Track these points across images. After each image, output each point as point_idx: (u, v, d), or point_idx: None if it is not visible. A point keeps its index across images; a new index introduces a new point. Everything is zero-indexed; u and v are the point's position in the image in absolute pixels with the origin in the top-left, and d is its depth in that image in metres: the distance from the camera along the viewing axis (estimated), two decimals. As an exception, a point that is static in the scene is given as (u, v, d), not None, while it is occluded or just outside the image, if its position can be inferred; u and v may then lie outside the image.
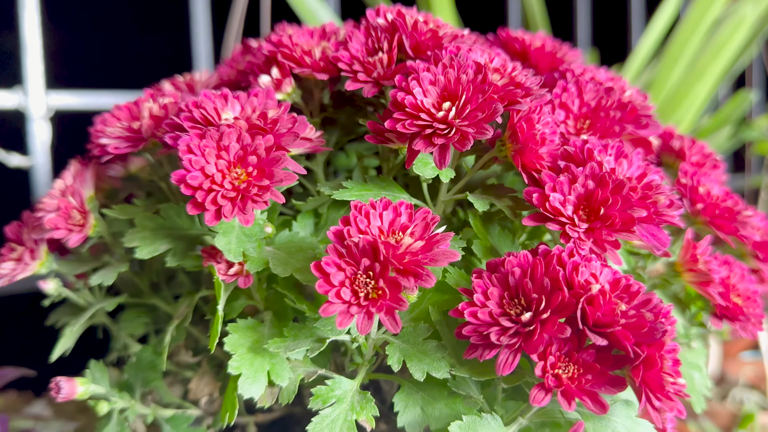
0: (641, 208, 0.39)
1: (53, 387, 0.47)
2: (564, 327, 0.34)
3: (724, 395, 1.30)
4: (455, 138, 0.38)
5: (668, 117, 1.17)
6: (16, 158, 1.17)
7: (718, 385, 1.31)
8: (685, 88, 1.13)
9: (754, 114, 1.79)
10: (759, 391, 1.34)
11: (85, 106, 1.29)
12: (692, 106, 1.15)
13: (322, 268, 0.37)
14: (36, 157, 1.18)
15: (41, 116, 1.21)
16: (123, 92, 1.28)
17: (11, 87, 1.16)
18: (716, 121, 1.23)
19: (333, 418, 0.39)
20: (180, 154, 0.39)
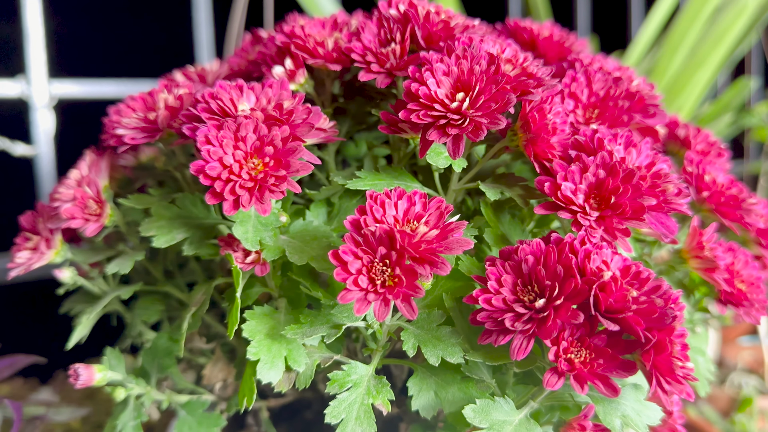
0: (651, 197, 0.39)
1: (72, 373, 0.48)
2: (577, 313, 0.35)
3: (722, 380, 1.32)
4: (469, 128, 0.39)
5: (669, 104, 1.18)
6: (20, 147, 1.17)
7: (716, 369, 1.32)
8: (686, 76, 1.14)
9: (754, 101, 1.80)
10: (757, 376, 1.36)
11: (87, 94, 1.29)
12: (692, 94, 1.16)
13: (339, 256, 0.37)
14: (40, 145, 1.19)
15: (44, 105, 1.21)
16: (126, 80, 1.29)
17: (14, 76, 1.16)
18: (716, 108, 1.24)
19: (350, 401, 0.40)
20: (198, 144, 0.40)
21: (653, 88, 0.52)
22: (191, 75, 0.56)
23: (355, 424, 0.40)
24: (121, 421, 0.50)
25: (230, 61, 0.59)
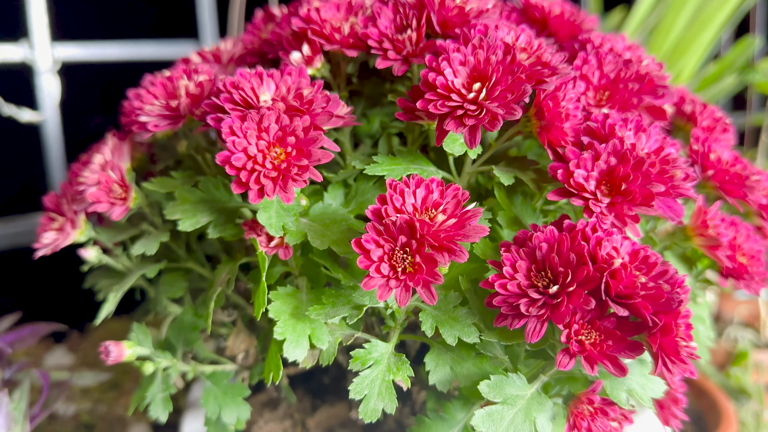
0: (660, 183, 0.41)
1: (102, 350, 0.50)
2: (589, 299, 0.37)
3: (719, 333, 1.36)
4: (486, 119, 0.40)
5: (673, 63, 1.18)
6: (27, 113, 1.18)
7: (713, 323, 1.35)
8: (690, 35, 1.13)
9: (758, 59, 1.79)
10: (753, 330, 1.39)
11: (90, 57, 1.29)
12: (696, 52, 1.16)
13: (362, 245, 0.39)
14: (45, 111, 1.19)
15: (48, 69, 1.21)
16: (128, 42, 1.28)
17: (17, 40, 1.16)
18: (720, 67, 1.24)
19: (372, 378, 0.43)
20: (223, 135, 0.41)
21: (662, 68, 0.53)
22: (206, 56, 0.57)
23: (377, 399, 0.42)
24: (150, 394, 0.53)
25: (243, 39, 0.60)
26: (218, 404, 0.53)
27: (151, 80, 0.51)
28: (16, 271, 1.49)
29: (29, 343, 0.79)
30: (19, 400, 0.65)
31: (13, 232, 1.26)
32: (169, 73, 0.52)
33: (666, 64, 1.17)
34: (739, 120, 2.18)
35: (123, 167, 0.50)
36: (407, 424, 0.58)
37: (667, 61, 1.18)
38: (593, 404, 0.42)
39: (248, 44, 0.59)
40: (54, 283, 1.52)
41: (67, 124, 1.28)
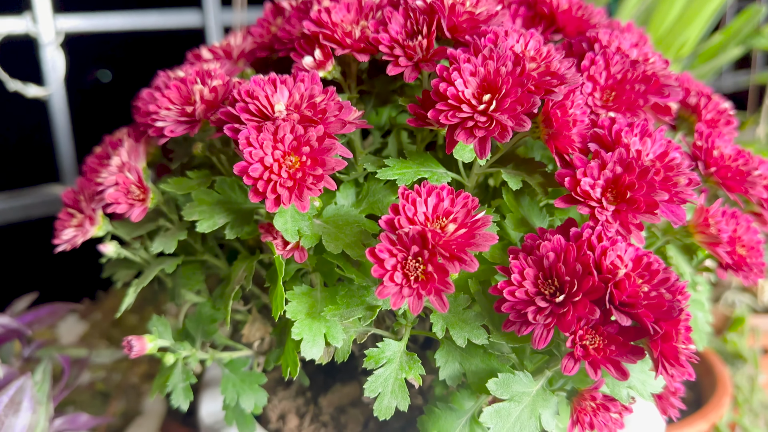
0: (664, 191, 0.42)
1: (125, 345, 0.52)
2: (594, 309, 0.39)
3: (717, 298, 1.38)
4: (496, 131, 0.41)
5: (678, 34, 1.18)
6: (33, 89, 1.18)
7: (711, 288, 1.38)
8: (695, 5, 1.13)
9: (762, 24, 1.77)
10: (751, 294, 1.42)
11: (93, 27, 1.28)
12: (700, 23, 1.15)
13: (376, 254, 0.41)
14: (51, 85, 1.20)
15: (51, 41, 1.21)
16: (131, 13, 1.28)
17: (20, 13, 1.16)
18: (725, 36, 1.23)
19: (385, 377, 0.45)
20: (241, 147, 0.42)
21: (668, 65, 0.53)
22: (217, 51, 0.57)
23: (391, 397, 0.44)
24: (171, 383, 0.55)
25: (252, 32, 0.60)
26: (236, 391, 0.56)
27: (165, 81, 0.52)
28: (30, 241, 1.51)
29: (47, 323, 0.82)
30: (42, 382, 0.68)
31: (23, 205, 1.28)
32: (182, 73, 0.53)
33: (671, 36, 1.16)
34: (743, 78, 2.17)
35: (140, 168, 0.51)
36: (415, 404, 0.61)
37: (672, 32, 1.18)
38: (596, 401, 0.44)
39: (258, 38, 0.59)
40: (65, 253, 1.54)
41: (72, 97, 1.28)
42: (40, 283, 1.51)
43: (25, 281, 1.54)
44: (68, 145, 1.29)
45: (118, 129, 0.68)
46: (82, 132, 1.36)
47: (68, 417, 0.76)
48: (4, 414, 0.63)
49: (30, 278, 1.55)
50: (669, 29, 1.18)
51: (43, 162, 1.40)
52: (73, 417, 0.76)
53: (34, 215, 1.30)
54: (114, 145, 0.59)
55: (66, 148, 1.29)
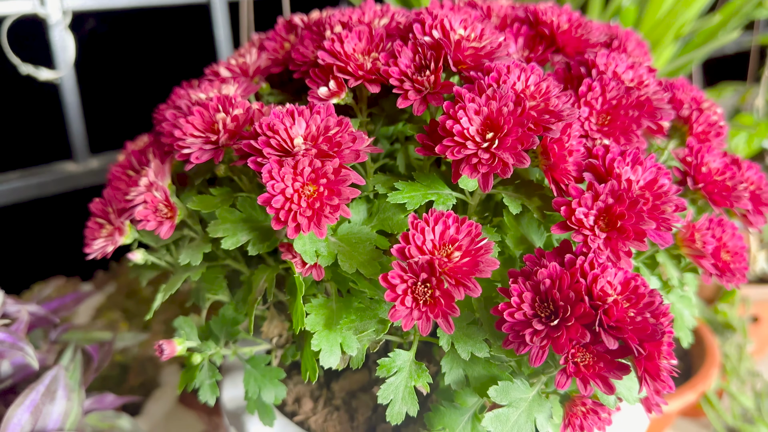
0: (651, 220, 0.46)
1: (157, 348, 0.57)
2: (585, 333, 0.43)
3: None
4: (498, 168, 0.45)
5: (677, 15, 1.19)
6: (44, 72, 1.21)
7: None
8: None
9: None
10: (743, 264, 1.45)
11: (100, 5, 1.30)
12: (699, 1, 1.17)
13: (388, 280, 0.45)
14: (60, 64, 1.22)
15: (59, 21, 1.23)
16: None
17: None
18: (725, 16, 1.24)
19: (396, 385, 0.50)
20: (264, 180, 0.46)
21: (661, 86, 0.56)
22: (234, 69, 0.60)
23: (401, 403, 0.49)
24: (198, 380, 0.60)
25: (267, 46, 0.63)
26: (258, 385, 0.61)
27: (187, 104, 0.55)
28: (44, 217, 1.56)
29: (72, 309, 0.87)
30: (73, 370, 0.73)
31: (38, 183, 1.32)
32: (203, 95, 0.56)
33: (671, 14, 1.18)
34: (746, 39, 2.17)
35: (166, 187, 0.55)
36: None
37: (671, 11, 1.19)
38: (586, 406, 0.49)
39: (272, 53, 0.62)
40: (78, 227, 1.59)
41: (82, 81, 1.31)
42: (54, 257, 1.56)
43: (41, 256, 1.59)
44: (79, 125, 1.33)
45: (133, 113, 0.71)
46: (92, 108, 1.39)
47: (96, 398, 0.81)
48: (42, 402, 0.68)
49: (45, 252, 1.60)
50: (669, 9, 1.20)
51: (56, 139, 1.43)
52: (100, 397, 0.81)
53: (48, 192, 1.34)
54: (137, 155, 0.63)
55: (77, 127, 1.32)
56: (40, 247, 1.59)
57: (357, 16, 0.57)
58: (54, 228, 1.57)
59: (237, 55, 0.62)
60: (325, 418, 0.69)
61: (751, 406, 1.24)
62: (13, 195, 1.28)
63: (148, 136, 0.68)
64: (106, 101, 1.56)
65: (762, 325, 1.43)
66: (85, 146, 1.34)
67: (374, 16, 0.57)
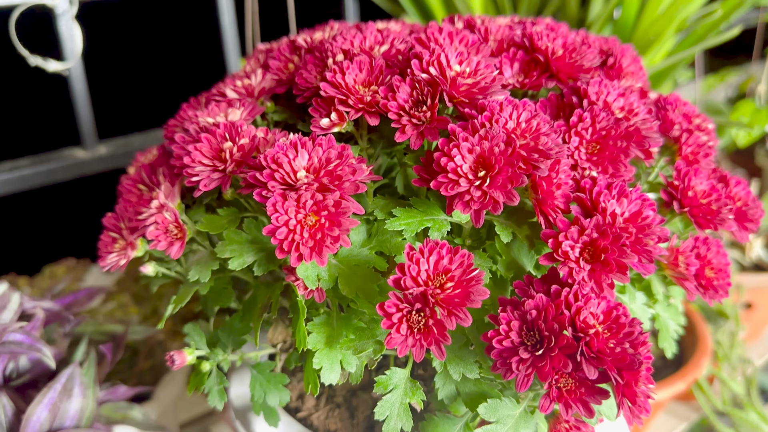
0: (634, 254, 0.49)
1: (168, 358, 0.60)
2: (567, 363, 0.46)
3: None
4: (489, 205, 0.48)
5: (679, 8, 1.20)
6: (53, 64, 1.23)
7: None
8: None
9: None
10: (739, 250, 1.49)
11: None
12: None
13: (385, 309, 0.48)
14: (68, 54, 1.24)
15: (66, 10, 1.25)
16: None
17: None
18: (726, 9, 1.24)
19: (392, 401, 0.53)
20: (268, 212, 0.49)
21: (650, 114, 0.59)
22: (240, 90, 0.63)
23: (396, 420, 0.53)
24: (207, 385, 0.64)
25: (271, 66, 0.65)
26: (263, 390, 0.65)
27: (196, 130, 0.58)
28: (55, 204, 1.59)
29: (85, 305, 0.90)
30: (87, 368, 0.77)
31: (48, 170, 1.35)
32: (210, 119, 0.59)
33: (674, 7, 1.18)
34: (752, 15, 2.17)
35: (176, 209, 0.58)
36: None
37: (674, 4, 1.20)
38: (569, 423, 0.52)
39: (276, 72, 0.64)
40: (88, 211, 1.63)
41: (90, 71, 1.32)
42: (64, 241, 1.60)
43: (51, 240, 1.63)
44: (87, 112, 1.35)
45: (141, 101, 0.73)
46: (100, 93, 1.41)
47: (110, 390, 0.86)
48: (59, 400, 0.72)
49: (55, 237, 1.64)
50: (671, 2, 1.20)
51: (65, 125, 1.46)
52: (113, 389, 0.86)
53: (58, 179, 1.37)
54: (147, 170, 0.66)
55: (85, 114, 1.35)
56: (51, 230, 1.63)
57: (358, 42, 0.59)
58: (64, 212, 1.61)
59: (243, 75, 0.64)
60: (327, 415, 0.73)
61: (741, 391, 1.28)
62: (25, 182, 1.31)
63: (157, 149, 0.71)
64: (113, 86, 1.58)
65: (755, 311, 1.46)
66: (94, 133, 1.36)
67: (375, 42, 0.59)
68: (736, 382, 1.29)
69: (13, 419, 0.72)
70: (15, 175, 1.29)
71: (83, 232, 1.61)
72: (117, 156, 1.39)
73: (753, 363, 1.31)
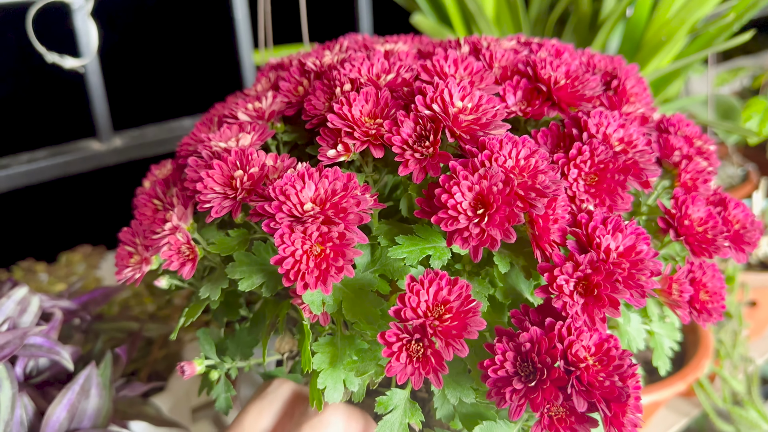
0: (626, 289, 0.51)
1: (179, 369, 0.63)
2: (558, 395, 0.49)
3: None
4: (487, 242, 0.50)
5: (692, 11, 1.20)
6: (69, 60, 1.25)
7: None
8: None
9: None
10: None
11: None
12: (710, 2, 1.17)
13: (386, 339, 0.51)
14: (86, 54, 1.26)
15: (81, 6, 1.26)
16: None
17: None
18: (738, 12, 1.23)
19: (392, 421, 0.56)
20: (276, 243, 0.51)
21: (649, 145, 0.60)
22: (251, 113, 0.65)
23: (396, 439, 0.56)
24: (215, 392, 0.67)
25: (281, 88, 0.67)
26: (271, 398, 0.67)
27: (209, 156, 0.60)
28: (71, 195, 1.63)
29: (102, 304, 0.94)
30: (104, 368, 0.80)
31: (64, 161, 1.38)
32: (223, 144, 0.61)
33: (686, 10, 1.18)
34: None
35: (188, 231, 0.60)
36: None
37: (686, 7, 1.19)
38: (560, 445, 0.55)
39: (286, 94, 0.66)
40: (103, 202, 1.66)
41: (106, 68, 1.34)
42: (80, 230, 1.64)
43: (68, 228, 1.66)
44: (103, 105, 1.37)
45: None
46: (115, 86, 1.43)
47: (125, 386, 0.89)
48: (77, 400, 0.76)
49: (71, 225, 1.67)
50: (682, 5, 1.20)
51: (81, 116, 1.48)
52: (129, 386, 0.89)
53: (73, 171, 1.40)
54: (161, 186, 0.68)
55: (101, 108, 1.37)
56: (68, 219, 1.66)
57: (366, 69, 0.61)
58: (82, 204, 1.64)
59: (254, 97, 0.66)
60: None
61: (741, 389, 1.30)
62: (42, 174, 1.34)
63: (171, 163, 0.73)
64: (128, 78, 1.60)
65: (759, 309, 1.47)
66: (109, 126, 1.39)
67: (381, 71, 0.60)
68: (737, 380, 1.31)
69: (34, 418, 0.75)
70: (33, 167, 1.32)
71: (99, 221, 1.65)
72: (132, 148, 1.41)
73: (754, 361, 1.32)
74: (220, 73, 1.69)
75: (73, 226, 1.64)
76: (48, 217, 1.63)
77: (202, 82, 1.70)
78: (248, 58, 1.51)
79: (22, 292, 0.81)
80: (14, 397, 0.72)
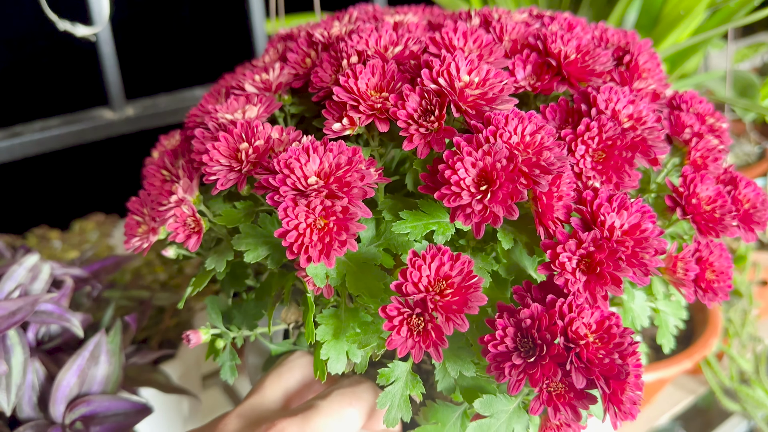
0: (629, 267, 0.51)
1: (185, 338, 0.64)
2: (557, 371, 0.49)
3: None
4: (489, 219, 0.50)
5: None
6: (81, 28, 1.25)
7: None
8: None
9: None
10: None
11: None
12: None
13: (387, 312, 0.51)
14: (97, 22, 1.26)
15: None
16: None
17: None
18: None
19: (393, 393, 0.57)
20: (279, 216, 0.52)
21: (659, 121, 0.59)
22: (258, 85, 0.65)
23: (397, 410, 0.56)
24: (220, 360, 0.68)
25: (289, 59, 0.66)
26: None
27: (215, 127, 0.60)
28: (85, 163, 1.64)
29: (113, 272, 0.95)
30: (114, 335, 0.82)
31: (79, 130, 1.38)
32: (230, 116, 0.61)
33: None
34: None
35: (193, 204, 0.61)
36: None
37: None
38: (560, 420, 0.55)
39: (294, 66, 0.66)
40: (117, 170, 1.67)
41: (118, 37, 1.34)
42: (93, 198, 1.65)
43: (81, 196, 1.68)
44: (115, 74, 1.37)
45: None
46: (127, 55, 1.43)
47: (135, 352, 0.91)
48: (87, 367, 0.77)
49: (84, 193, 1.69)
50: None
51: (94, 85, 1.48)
52: (140, 353, 0.91)
53: (86, 139, 1.41)
54: (170, 156, 0.69)
55: (113, 77, 1.37)
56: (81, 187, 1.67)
57: (373, 42, 0.60)
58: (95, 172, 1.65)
59: (262, 69, 0.66)
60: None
61: (749, 369, 1.30)
62: (55, 142, 1.35)
63: (179, 134, 0.73)
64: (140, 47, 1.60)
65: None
66: (121, 95, 1.39)
67: (389, 43, 0.60)
68: (745, 359, 1.31)
69: (45, 383, 0.77)
70: (46, 135, 1.33)
71: (112, 190, 1.66)
72: (144, 117, 1.42)
73: (763, 340, 1.32)
74: (232, 43, 1.68)
75: (87, 194, 1.66)
76: (61, 185, 1.64)
77: (214, 51, 1.70)
78: (260, 27, 1.50)
79: (33, 259, 0.83)
80: (26, 362, 0.74)
